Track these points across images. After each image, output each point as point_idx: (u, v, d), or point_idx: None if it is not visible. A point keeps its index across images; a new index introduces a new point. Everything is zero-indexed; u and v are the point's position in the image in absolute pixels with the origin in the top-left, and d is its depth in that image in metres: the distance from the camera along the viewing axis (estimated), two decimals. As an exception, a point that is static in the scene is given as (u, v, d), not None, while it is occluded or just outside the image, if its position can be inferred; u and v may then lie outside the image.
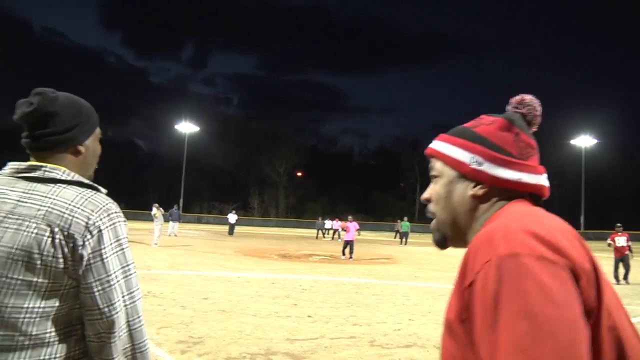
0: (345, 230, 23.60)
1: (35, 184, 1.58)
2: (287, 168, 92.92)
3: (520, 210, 1.11)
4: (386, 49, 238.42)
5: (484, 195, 1.21)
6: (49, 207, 1.52)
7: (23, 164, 1.64)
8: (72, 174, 1.65)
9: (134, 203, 77.65)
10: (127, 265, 1.62)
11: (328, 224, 45.32)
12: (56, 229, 1.50)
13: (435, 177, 1.29)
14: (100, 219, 1.56)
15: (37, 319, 1.48)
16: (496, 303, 0.87)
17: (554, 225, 1.01)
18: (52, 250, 1.48)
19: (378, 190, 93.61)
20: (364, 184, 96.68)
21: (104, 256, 1.54)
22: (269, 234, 47.43)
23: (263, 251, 24.78)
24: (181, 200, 64.00)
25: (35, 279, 1.48)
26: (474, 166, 1.21)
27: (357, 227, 23.88)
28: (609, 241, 17.20)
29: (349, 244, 22.44)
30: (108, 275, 1.54)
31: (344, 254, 22.54)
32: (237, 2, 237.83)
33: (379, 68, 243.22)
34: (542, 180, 1.21)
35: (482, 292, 0.91)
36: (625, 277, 15.73)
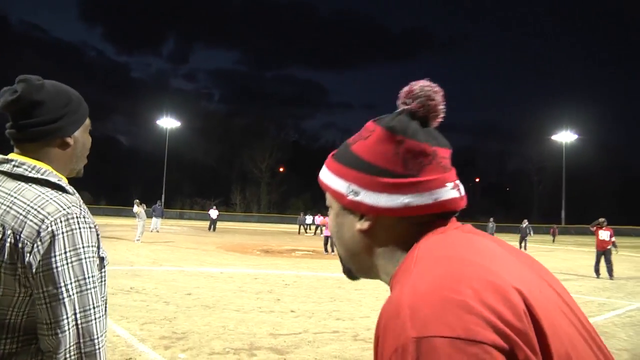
0: (325, 226, 23.70)
1: (5, 180, 1.48)
2: (269, 164, 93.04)
3: (430, 257, 0.87)
4: (369, 45, 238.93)
5: (370, 229, 0.99)
6: (7, 206, 1.41)
7: None
8: (43, 169, 1.51)
9: (116, 199, 77.21)
10: (85, 279, 1.43)
11: (309, 219, 45.38)
12: (8, 232, 1.38)
13: (328, 207, 1.09)
14: (56, 224, 1.40)
15: None
16: None
17: (475, 272, 0.80)
18: (2, 253, 1.37)
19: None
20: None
21: (53, 266, 1.37)
22: (251, 230, 47.35)
23: (245, 247, 24.74)
24: (163, 196, 63.69)
25: None
26: (350, 197, 1.00)
27: None
28: (592, 228, 17.34)
29: (329, 239, 22.54)
30: (56, 288, 1.37)
31: (326, 249, 22.64)
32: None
33: (362, 64, 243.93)
34: (443, 194, 0.96)
35: None
36: (610, 274, 15.90)
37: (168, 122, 72.93)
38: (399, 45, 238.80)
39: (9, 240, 1.37)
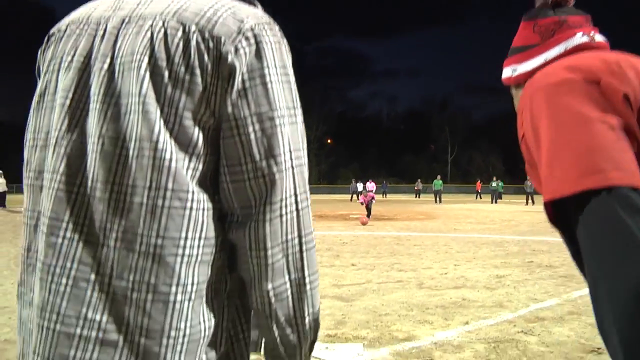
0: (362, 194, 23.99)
1: None
2: (317, 135, 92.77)
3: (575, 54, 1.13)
4: (413, 9, 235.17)
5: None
6: (183, 3, 0.96)
7: None
8: None
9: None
10: (294, 108, 1.00)
11: (360, 186, 45.31)
12: (192, 27, 0.92)
13: None
14: (260, 29, 0.96)
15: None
16: (536, 125, 0.98)
17: (597, 56, 1.03)
18: (185, 56, 0.91)
19: (409, 153, 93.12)
20: (394, 147, 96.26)
21: (267, 79, 0.93)
22: (303, 201, 47.46)
23: (299, 214, 24.74)
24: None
25: (162, 98, 0.90)
26: (513, 75, 1.28)
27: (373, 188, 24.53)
28: None
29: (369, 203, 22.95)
30: (272, 110, 0.93)
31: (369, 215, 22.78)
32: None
33: (407, 29, 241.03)
34: (574, 41, 1.17)
35: (529, 120, 1.02)
36: None
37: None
38: (444, 7, 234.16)
39: (195, 38, 0.92)
